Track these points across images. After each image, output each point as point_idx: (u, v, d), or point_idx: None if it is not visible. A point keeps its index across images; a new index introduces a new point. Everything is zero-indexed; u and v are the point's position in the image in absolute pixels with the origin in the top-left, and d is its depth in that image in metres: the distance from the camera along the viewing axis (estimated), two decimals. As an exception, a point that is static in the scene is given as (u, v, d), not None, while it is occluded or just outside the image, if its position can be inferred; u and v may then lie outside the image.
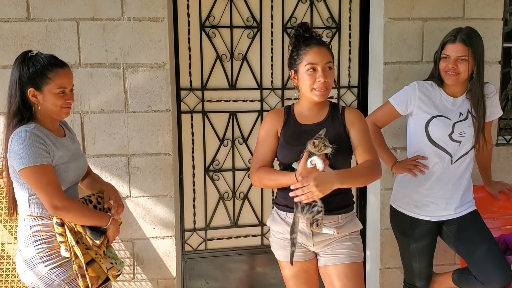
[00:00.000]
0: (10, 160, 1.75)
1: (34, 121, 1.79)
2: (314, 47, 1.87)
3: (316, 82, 1.85)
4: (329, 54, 1.89)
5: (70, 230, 1.78)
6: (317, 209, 1.81)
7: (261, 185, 1.99)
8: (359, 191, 2.97)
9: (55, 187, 1.74)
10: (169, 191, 2.60)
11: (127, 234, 2.58)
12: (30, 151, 1.70)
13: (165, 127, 2.55)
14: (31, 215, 1.81)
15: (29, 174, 1.71)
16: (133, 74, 2.48)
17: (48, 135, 1.80)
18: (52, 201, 1.72)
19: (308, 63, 1.86)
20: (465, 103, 2.26)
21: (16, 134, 1.73)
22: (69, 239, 1.78)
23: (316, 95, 1.87)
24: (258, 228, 2.97)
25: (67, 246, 1.78)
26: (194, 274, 2.93)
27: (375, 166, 1.86)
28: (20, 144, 1.71)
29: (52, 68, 1.78)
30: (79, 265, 1.80)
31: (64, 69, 1.82)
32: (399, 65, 2.68)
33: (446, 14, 2.68)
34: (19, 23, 2.38)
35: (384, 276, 2.85)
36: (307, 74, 1.87)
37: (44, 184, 1.72)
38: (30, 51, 1.82)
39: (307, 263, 1.98)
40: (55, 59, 1.83)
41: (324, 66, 1.85)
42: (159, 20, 2.47)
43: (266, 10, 2.77)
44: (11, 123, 1.79)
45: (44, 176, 1.72)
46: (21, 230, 1.82)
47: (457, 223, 2.29)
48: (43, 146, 1.74)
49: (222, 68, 2.78)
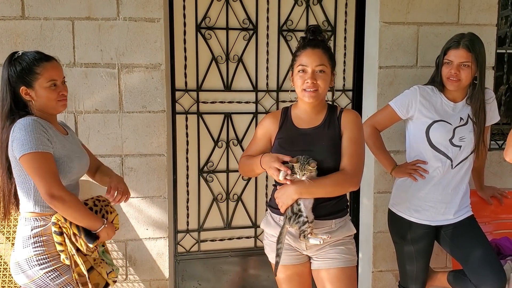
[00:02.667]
0: (13, 149, 1.73)
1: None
2: (308, 49, 1.87)
3: (305, 84, 1.85)
4: (325, 57, 1.87)
5: (69, 239, 1.77)
6: (303, 219, 1.81)
7: (241, 172, 2.08)
8: (353, 194, 2.98)
9: (54, 176, 1.72)
10: (162, 192, 2.59)
11: (120, 235, 2.57)
12: (32, 138, 1.69)
13: (160, 128, 2.54)
14: (33, 212, 1.78)
15: (29, 160, 1.69)
16: (128, 75, 2.48)
17: (51, 127, 1.79)
18: (50, 189, 1.69)
19: (299, 64, 1.87)
20: (465, 108, 2.27)
21: (19, 122, 1.72)
22: (69, 248, 1.77)
23: (305, 96, 1.87)
24: (251, 230, 2.97)
25: (67, 255, 1.77)
26: (186, 275, 2.92)
27: (348, 177, 1.82)
28: (23, 130, 1.69)
29: (38, 63, 1.77)
30: (79, 274, 1.79)
31: (51, 62, 1.81)
32: (394, 69, 2.69)
33: (441, 19, 2.70)
34: (14, 22, 2.37)
35: (376, 279, 2.86)
36: (298, 75, 1.88)
37: (43, 171, 1.69)
38: (16, 52, 1.81)
39: (300, 267, 1.98)
40: (40, 54, 1.81)
41: (314, 68, 1.85)
42: (155, 20, 2.46)
43: (262, 13, 2.78)
44: (5, 124, 1.78)
45: (44, 163, 1.70)
46: (21, 230, 1.80)
47: (454, 228, 2.31)
48: (45, 134, 1.73)
49: (217, 70, 2.78)
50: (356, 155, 1.87)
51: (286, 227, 1.86)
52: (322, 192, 1.82)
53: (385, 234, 2.70)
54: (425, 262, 2.39)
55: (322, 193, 1.83)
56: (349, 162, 1.85)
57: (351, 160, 1.85)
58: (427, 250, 2.37)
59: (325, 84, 1.87)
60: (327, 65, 1.88)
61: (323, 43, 1.92)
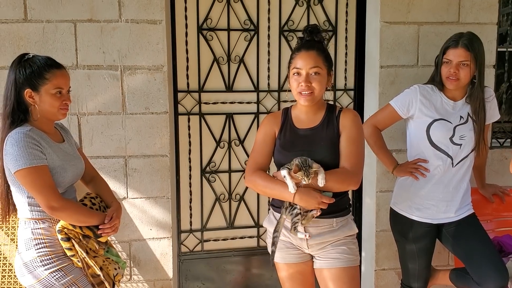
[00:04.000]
0: (6, 162, 1.75)
1: (30, 124, 1.79)
2: (302, 51, 1.87)
3: (299, 87, 1.86)
4: (320, 58, 1.86)
5: (78, 243, 1.79)
6: (296, 211, 1.83)
7: (255, 189, 1.96)
8: (355, 193, 2.99)
9: (51, 188, 1.74)
10: (166, 192, 2.61)
11: (124, 236, 2.59)
12: (25, 153, 1.70)
13: (163, 129, 2.56)
14: (32, 218, 1.81)
15: (24, 175, 1.71)
16: (130, 76, 2.49)
17: (44, 137, 1.80)
18: (49, 202, 1.73)
19: (294, 67, 1.88)
20: (465, 106, 2.28)
21: (11, 136, 1.73)
22: (79, 252, 1.80)
23: (300, 99, 1.88)
24: (254, 229, 2.99)
25: (78, 258, 1.80)
26: (190, 275, 2.94)
27: (348, 176, 1.83)
28: (15, 146, 1.71)
29: (49, 69, 1.79)
30: (93, 275, 1.82)
31: (61, 70, 1.83)
32: (395, 69, 2.70)
33: (441, 18, 2.71)
34: (16, 24, 2.38)
35: (379, 277, 2.88)
36: (293, 78, 1.88)
37: (40, 186, 1.72)
38: (27, 53, 1.83)
39: (303, 265, 2.00)
40: (51, 60, 1.84)
41: (308, 71, 1.85)
42: (156, 22, 2.47)
43: (263, 13, 2.79)
44: (5, 124, 1.79)
45: (39, 177, 1.72)
46: (22, 233, 1.82)
47: (456, 226, 2.32)
48: (38, 147, 1.74)
49: (219, 71, 2.79)
50: (354, 154, 1.87)
51: (283, 217, 1.88)
52: (327, 186, 1.81)
53: (387, 233, 2.71)
54: (427, 260, 2.40)
55: (325, 187, 1.82)
56: (348, 162, 1.85)
57: (350, 159, 1.86)
58: (429, 248, 2.38)
59: (320, 86, 1.86)
60: (322, 66, 1.86)
61: (319, 44, 1.90)
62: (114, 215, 1.95)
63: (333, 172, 1.83)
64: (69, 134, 2.06)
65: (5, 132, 1.78)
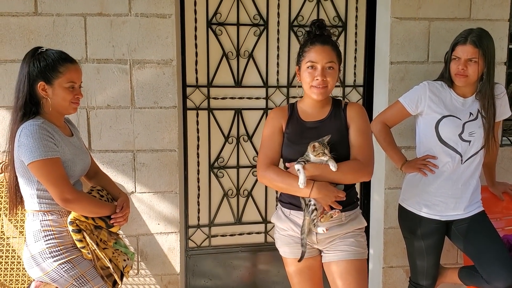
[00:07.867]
0: (19, 153, 1.76)
1: (41, 116, 1.80)
2: (318, 45, 1.87)
3: (314, 80, 1.86)
4: (333, 53, 1.88)
5: (89, 234, 1.80)
6: (311, 208, 1.84)
7: (269, 184, 1.95)
8: (363, 190, 2.98)
9: (65, 180, 1.76)
10: (174, 187, 2.61)
11: (131, 230, 2.59)
12: (40, 144, 1.72)
13: (171, 124, 2.55)
14: (40, 210, 1.81)
15: (39, 167, 1.72)
16: (139, 70, 2.49)
17: (56, 130, 1.82)
18: (64, 194, 1.74)
19: (308, 60, 1.87)
20: (475, 103, 2.27)
21: (25, 127, 1.74)
22: (90, 243, 1.81)
23: (314, 93, 1.88)
24: (261, 225, 2.98)
25: (89, 250, 1.81)
26: (197, 270, 2.94)
27: (362, 166, 1.85)
28: (30, 137, 1.72)
29: (63, 63, 1.80)
30: (102, 267, 1.84)
31: (74, 64, 1.86)
32: (405, 65, 2.68)
33: (452, 14, 2.69)
34: (27, 18, 2.39)
35: (387, 275, 2.86)
36: (307, 71, 1.88)
37: (54, 178, 1.74)
38: (40, 47, 1.84)
39: (311, 260, 1.99)
40: (65, 54, 1.86)
41: (324, 65, 1.85)
42: (166, 16, 2.47)
43: (272, 8, 2.78)
44: (17, 117, 1.80)
45: (54, 169, 1.74)
46: (30, 225, 1.83)
47: (466, 223, 2.30)
48: (52, 139, 1.76)
49: (228, 66, 2.79)
50: (366, 146, 1.89)
51: (306, 218, 1.88)
52: (340, 176, 1.82)
53: (395, 230, 2.69)
54: (436, 257, 2.38)
55: (339, 178, 1.83)
56: (360, 153, 1.87)
57: (362, 150, 1.88)
58: (437, 246, 2.36)
59: (333, 80, 1.88)
60: (336, 61, 1.89)
61: (332, 40, 1.92)
62: (124, 204, 1.96)
63: (346, 163, 1.84)
64: (76, 128, 2.07)
65: (16, 124, 1.79)
